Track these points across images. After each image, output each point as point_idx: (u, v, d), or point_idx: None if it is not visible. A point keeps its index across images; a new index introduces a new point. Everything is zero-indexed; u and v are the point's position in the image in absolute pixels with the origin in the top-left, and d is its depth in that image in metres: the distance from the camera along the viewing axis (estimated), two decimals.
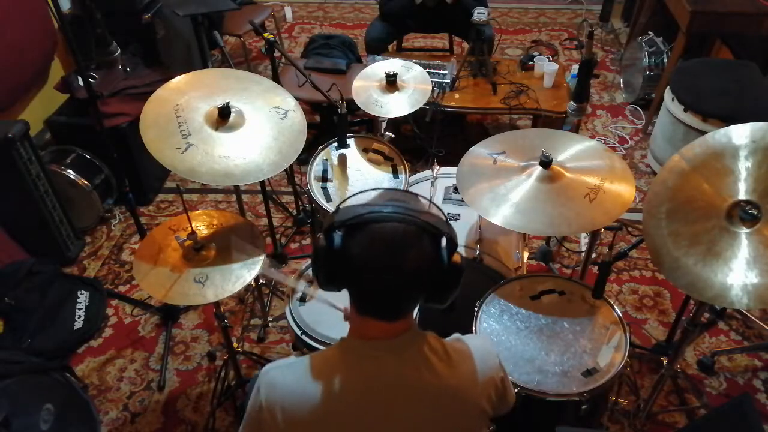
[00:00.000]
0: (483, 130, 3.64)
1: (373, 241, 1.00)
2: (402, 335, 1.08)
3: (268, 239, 2.71)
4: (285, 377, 1.08)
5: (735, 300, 1.40)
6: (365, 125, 3.55)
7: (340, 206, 1.07)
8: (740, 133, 1.51)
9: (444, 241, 1.03)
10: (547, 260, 2.80)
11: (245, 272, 1.69)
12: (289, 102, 1.95)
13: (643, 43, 3.60)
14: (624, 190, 1.73)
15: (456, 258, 1.05)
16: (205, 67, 3.51)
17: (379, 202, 1.06)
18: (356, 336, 1.10)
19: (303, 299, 1.87)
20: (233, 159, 1.76)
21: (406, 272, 1.01)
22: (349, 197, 1.13)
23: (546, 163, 1.76)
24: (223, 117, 1.80)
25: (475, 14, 2.92)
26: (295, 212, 3.03)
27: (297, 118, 1.91)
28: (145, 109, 1.77)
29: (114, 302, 2.68)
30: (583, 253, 2.55)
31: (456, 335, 1.19)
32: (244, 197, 3.06)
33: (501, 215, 1.70)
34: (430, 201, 1.16)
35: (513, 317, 1.75)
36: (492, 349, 1.19)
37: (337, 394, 1.05)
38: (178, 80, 1.89)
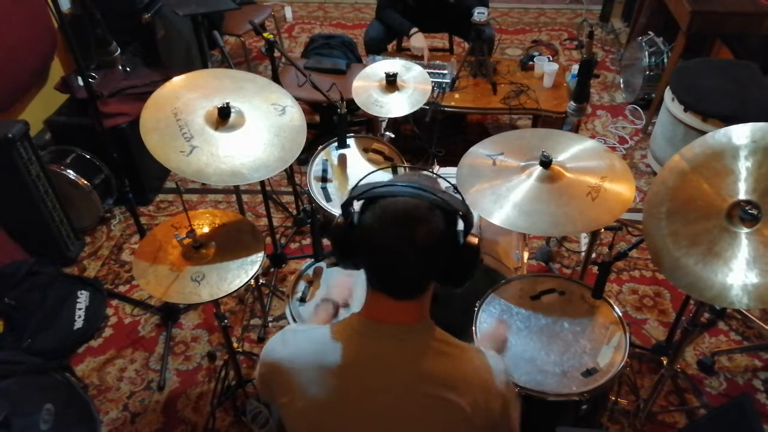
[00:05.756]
0: (483, 130, 3.64)
1: (385, 214, 1.01)
2: (409, 324, 1.07)
3: (268, 239, 2.71)
4: (297, 339, 1.14)
5: (735, 300, 1.39)
6: (365, 125, 3.55)
7: (359, 183, 1.09)
8: (740, 133, 1.50)
9: (458, 220, 1.03)
10: (547, 260, 2.80)
11: (242, 272, 1.69)
12: (285, 99, 1.95)
13: (643, 43, 3.60)
14: (624, 188, 1.73)
15: (471, 239, 1.06)
16: (205, 67, 3.52)
17: (396, 181, 1.07)
18: (364, 314, 1.10)
19: (303, 299, 1.87)
20: (238, 158, 1.76)
21: (416, 247, 1.00)
22: (370, 173, 1.15)
23: (546, 163, 1.76)
24: (223, 117, 1.80)
25: (475, 14, 2.91)
26: (295, 212, 3.03)
27: (296, 113, 1.92)
28: (143, 115, 1.76)
29: (114, 302, 2.68)
30: (583, 253, 2.55)
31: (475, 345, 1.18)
32: (244, 197, 3.06)
33: (504, 216, 1.69)
34: (453, 186, 1.18)
35: (513, 317, 1.75)
36: (505, 367, 1.14)
37: (333, 367, 1.06)
38: (173, 83, 1.89)
